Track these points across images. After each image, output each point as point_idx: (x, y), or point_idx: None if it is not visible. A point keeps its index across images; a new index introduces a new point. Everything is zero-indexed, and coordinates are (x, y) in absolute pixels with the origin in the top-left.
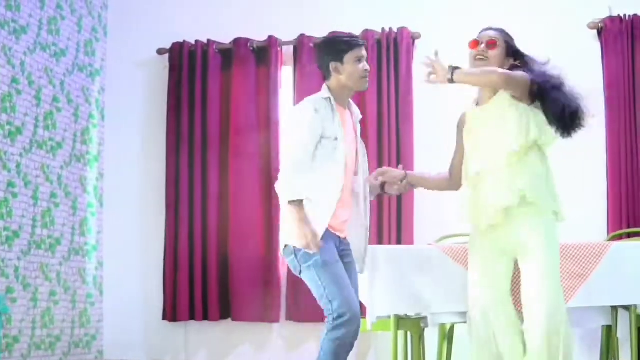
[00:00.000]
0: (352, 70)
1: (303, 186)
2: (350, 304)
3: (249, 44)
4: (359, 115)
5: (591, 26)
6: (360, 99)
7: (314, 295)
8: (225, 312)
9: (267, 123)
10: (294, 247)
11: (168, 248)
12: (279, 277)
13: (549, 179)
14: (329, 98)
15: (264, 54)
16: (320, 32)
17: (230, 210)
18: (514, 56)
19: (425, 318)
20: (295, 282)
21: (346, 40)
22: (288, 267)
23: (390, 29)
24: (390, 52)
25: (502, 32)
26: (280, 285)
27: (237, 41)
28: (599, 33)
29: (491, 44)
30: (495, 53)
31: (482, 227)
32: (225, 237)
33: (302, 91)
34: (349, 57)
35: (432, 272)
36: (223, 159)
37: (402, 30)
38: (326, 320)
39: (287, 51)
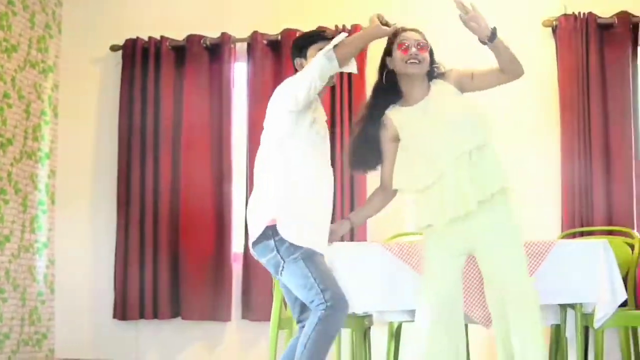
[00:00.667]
0: None
1: None
2: (341, 294)
3: (202, 41)
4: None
5: (546, 24)
6: None
7: (299, 288)
8: (176, 310)
9: (219, 120)
10: (276, 241)
11: (119, 246)
12: (230, 275)
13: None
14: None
15: (217, 50)
16: (273, 29)
17: (182, 207)
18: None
19: (370, 316)
20: (249, 280)
21: (307, 34)
22: (243, 265)
23: (344, 26)
24: None
25: (420, 33)
26: (232, 284)
27: (190, 38)
28: (554, 30)
29: (422, 46)
30: (426, 56)
31: (444, 224)
32: (177, 234)
33: (255, 88)
34: (311, 52)
35: (377, 270)
36: (175, 156)
37: (355, 27)
38: (312, 313)
39: (241, 48)
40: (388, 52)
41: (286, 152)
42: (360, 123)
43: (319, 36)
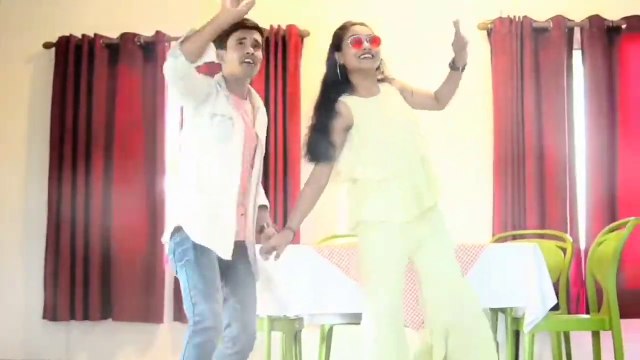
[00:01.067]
0: (231, 55)
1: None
2: (214, 313)
3: (136, 39)
4: (259, 108)
5: (481, 27)
6: None
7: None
8: (107, 312)
9: (153, 119)
10: (174, 243)
11: (49, 246)
12: (163, 277)
13: None
14: (218, 83)
15: (151, 49)
16: None
17: (114, 207)
18: None
19: (301, 319)
20: None
21: None
22: None
23: (279, 26)
24: (279, 49)
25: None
26: (165, 285)
27: (124, 36)
28: (489, 34)
29: (375, 41)
30: (379, 50)
31: (402, 221)
32: (108, 235)
33: None
34: (230, 42)
35: (308, 273)
36: (107, 155)
37: (290, 27)
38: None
39: None
40: (337, 47)
41: (187, 152)
42: (315, 114)
43: (237, 25)
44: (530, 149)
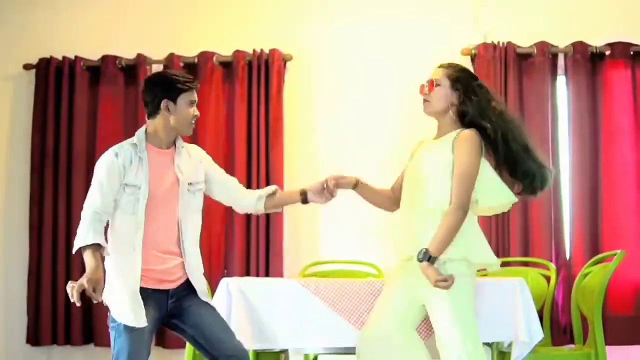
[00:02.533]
0: (184, 113)
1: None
2: None
3: (117, 62)
4: (179, 145)
5: (465, 52)
6: (229, 122)
7: None
8: (89, 336)
9: None
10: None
11: (31, 270)
12: None
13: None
14: (136, 144)
15: (132, 72)
16: (190, 51)
17: None
18: (463, 89)
19: (286, 350)
20: None
21: (183, 80)
22: None
23: (262, 50)
24: (261, 73)
25: (447, 67)
26: None
27: (105, 58)
28: (472, 59)
29: (430, 85)
30: (436, 93)
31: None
32: None
33: None
34: (183, 99)
35: (292, 307)
36: (89, 180)
37: (273, 51)
38: None
39: (157, 70)
40: None
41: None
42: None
43: (194, 87)
44: None
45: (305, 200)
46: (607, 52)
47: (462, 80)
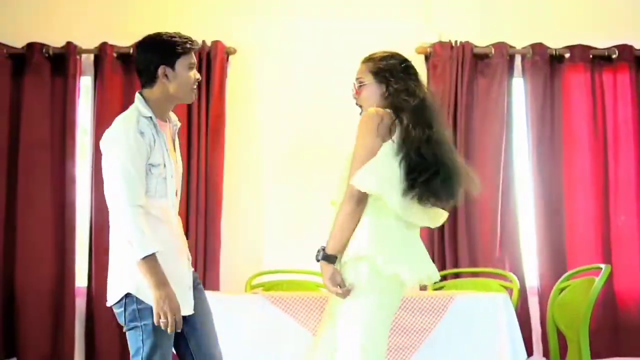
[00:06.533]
0: (184, 78)
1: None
2: None
3: (44, 50)
4: (177, 124)
5: (419, 50)
6: None
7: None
8: (11, 350)
9: (62, 137)
10: (125, 302)
11: None
12: (73, 313)
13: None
14: (151, 117)
15: (61, 61)
16: (124, 41)
17: (18, 235)
18: (389, 78)
19: None
20: (93, 318)
21: (180, 42)
22: (86, 302)
23: (204, 42)
24: (203, 66)
25: (367, 60)
26: (75, 322)
27: (30, 46)
28: (427, 58)
29: (355, 88)
30: (363, 95)
31: None
32: (12, 266)
33: (103, 103)
34: (182, 63)
35: (259, 324)
36: (11, 177)
37: (216, 43)
38: None
39: (87, 60)
40: None
41: None
42: None
43: (192, 48)
44: None
45: None
46: (567, 55)
47: (385, 69)
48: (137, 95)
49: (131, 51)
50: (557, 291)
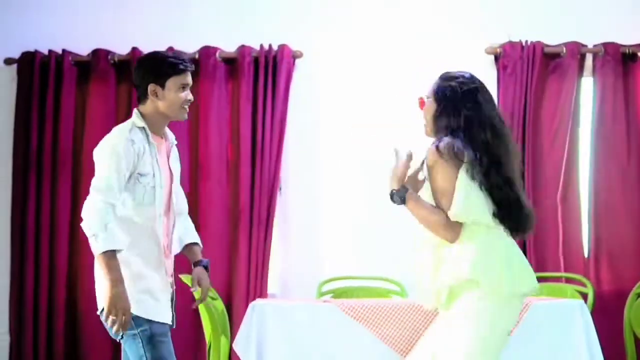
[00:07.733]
0: (173, 98)
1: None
2: None
3: (109, 57)
4: (173, 141)
5: (489, 51)
6: (233, 121)
7: None
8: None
9: None
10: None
11: (13, 288)
12: None
13: None
14: (144, 128)
15: (126, 68)
16: (191, 46)
17: (82, 244)
18: (445, 100)
19: None
20: None
21: (172, 62)
22: None
23: (270, 45)
24: (269, 71)
25: (436, 79)
26: None
27: (96, 53)
28: (496, 59)
29: (420, 104)
30: (424, 110)
31: None
32: (76, 276)
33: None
34: (172, 83)
35: (331, 333)
36: (76, 183)
37: (282, 47)
38: None
39: None
40: None
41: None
42: None
43: (184, 69)
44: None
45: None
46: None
47: (442, 89)
48: (134, 109)
49: (197, 56)
50: (635, 296)
